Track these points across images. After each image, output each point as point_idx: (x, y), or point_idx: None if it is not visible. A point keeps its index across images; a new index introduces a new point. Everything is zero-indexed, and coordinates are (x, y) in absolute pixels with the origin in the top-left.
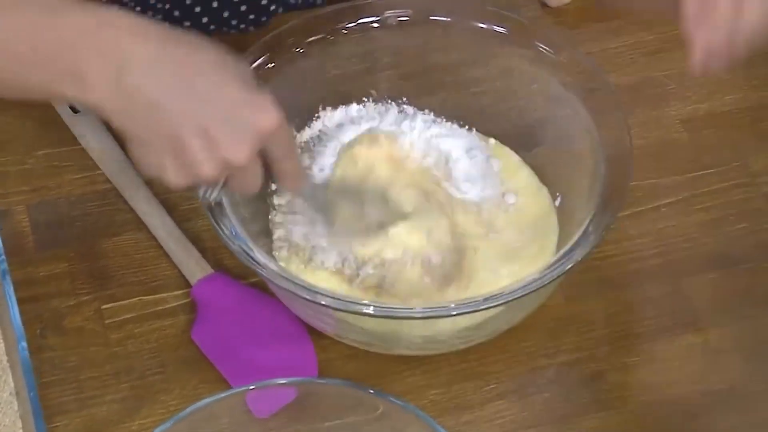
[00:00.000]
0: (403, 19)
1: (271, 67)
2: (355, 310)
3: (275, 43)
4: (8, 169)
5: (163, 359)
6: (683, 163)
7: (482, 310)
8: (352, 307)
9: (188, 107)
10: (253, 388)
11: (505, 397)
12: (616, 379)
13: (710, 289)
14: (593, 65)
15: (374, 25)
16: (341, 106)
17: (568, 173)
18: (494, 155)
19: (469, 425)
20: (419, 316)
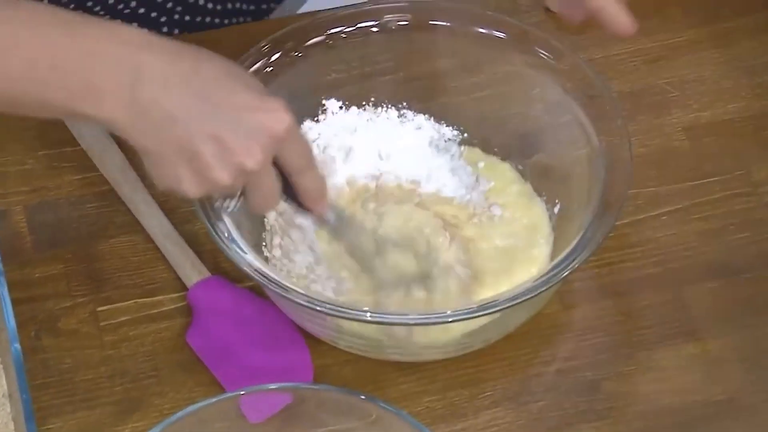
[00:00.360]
0: (402, 23)
1: (269, 71)
2: (350, 316)
3: (273, 47)
4: (8, 169)
5: (157, 362)
6: (684, 171)
7: (478, 316)
8: (347, 313)
9: (201, 117)
10: (246, 392)
11: (500, 404)
12: (612, 388)
13: (710, 298)
14: (594, 72)
15: (374, 29)
16: (340, 110)
17: (567, 180)
18: (485, 173)
19: None
20: (414, 322)
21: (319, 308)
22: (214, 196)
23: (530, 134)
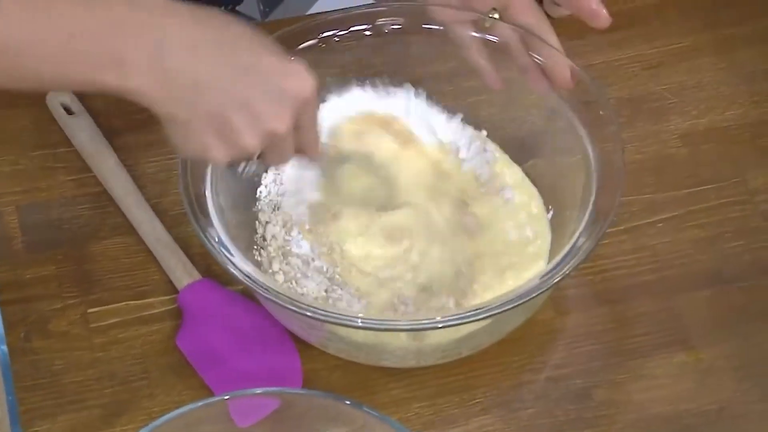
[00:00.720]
0: (395, 27)
1: None
2: (340, 321)
3: None
4: (1, 169)
5: (147, 365)
6: (681, 178)
7: (468, 322)
8: (337, 318)
9: (229, 83)
10: (234, 397)
11: (490, 411)
12: (604, 396)
13: (704, 306)
14: (590, 78)
15: (367, 33)
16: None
17: (561, 186)
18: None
19: None
20: (404, 328)
21: (308, 313)
22: (236, 160)
23: (525, 140)
